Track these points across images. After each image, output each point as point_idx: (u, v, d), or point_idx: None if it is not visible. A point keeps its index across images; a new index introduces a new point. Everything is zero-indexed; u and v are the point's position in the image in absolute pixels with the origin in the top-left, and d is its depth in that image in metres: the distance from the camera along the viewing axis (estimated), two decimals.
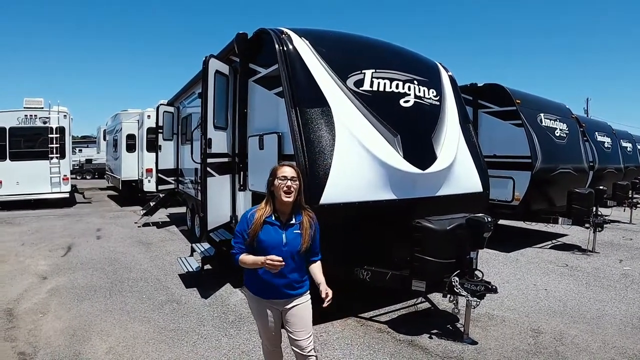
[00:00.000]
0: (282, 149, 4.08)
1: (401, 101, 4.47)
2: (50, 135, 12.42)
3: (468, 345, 3.72)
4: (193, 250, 5.96)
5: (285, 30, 4.26)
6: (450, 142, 4.73)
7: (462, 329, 3.90)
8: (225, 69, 5.03)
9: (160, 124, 9.38)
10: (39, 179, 12.42)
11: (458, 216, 3.93)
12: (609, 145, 11.84)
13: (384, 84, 4.38)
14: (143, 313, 4.46)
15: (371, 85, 4.30)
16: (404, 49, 5.13)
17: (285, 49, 4.10)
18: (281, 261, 2.26)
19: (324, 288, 2.42)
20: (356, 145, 3.98)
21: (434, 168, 4.38)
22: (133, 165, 13.99)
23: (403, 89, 4.51)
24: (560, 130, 8.40)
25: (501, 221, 8.33)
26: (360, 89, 4.23)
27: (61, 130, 12.68)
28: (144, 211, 10.28)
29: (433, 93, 4.84)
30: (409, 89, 4.56)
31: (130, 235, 8.81)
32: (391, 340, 3.83)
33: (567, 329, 4.11)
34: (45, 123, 12.50)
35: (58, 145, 12.46)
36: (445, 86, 5.15)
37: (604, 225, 7.50)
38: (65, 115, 12.87)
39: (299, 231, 2.44)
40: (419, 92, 4.65)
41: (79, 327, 4.08)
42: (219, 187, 4.98)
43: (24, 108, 12.57)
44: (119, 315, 4.40)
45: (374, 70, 4.35)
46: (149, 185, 12.63)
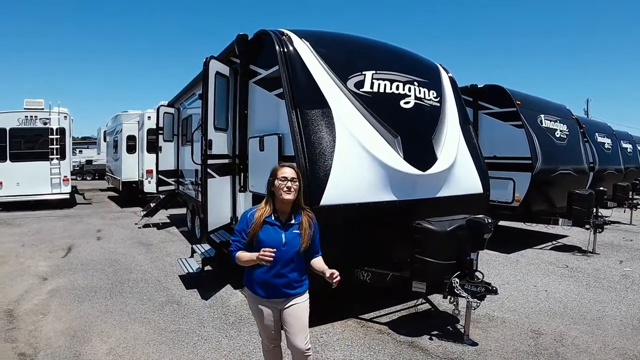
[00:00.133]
0: (283, 150, 4.08)
1: (401, 102, 4.47)
2: (50, 136, 12.43)
3: (468, 347, 3.71)
4: (193, 252, 5.96)
5: (285, 31, 4.27)
6: (451, 144, 4.73)
7: (463, 330, 3.90)
8: (225, 70, 5.04)
9: (160, 125, 9.40)
10: (39, 180, 12.42)
11: (458, 217, 3.93)
12: (609, 146, 11.85)
13: (385, 85, 4.39)
14: (143, 314, 4.46)
15: (371, 87, 4.30)
16: (404, 50, 5.14)
17: (285, 50, 4.11)
18: (272, 251, 2.27)
19: (329, 271, 2.41)
20: (356, 147, 3.98)
21: (435, 169, 4.38)
22: (133, 167, 14.01)
23: (403, 90, 4.51)
24: (560, 131, 8.41)
25: (501, 222, 8.33)
26: (361, 90, 4.23)
27: (61, 131, 12.70)
28: (145, 212, 10.28)
29: (433, 94, 4.84)
30: (409, 90, 4.56)
31: (131, 236, 8.81)
32: (391, 342, 3.83)
33: (568, 330, 4.11)
34: (45, 124, 12.52)
35: (58, 147, 12.48)
36: (445, 87, 5.16)
37: (604, 227, 7.50)
38: (65, 116, 12.89)
39: (298, 231, 2.47)
40: (420, 94, 4.66)
41: (79, 328, 4.08)
42: (219, 189, 4.99)
43: (25, 109, 12.59)
44: (119, 316, 4.40)
45: (374, 72, 4.35)
46: (149, 187, 12.63)
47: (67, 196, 13.11)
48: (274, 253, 2.28)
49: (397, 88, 4.47)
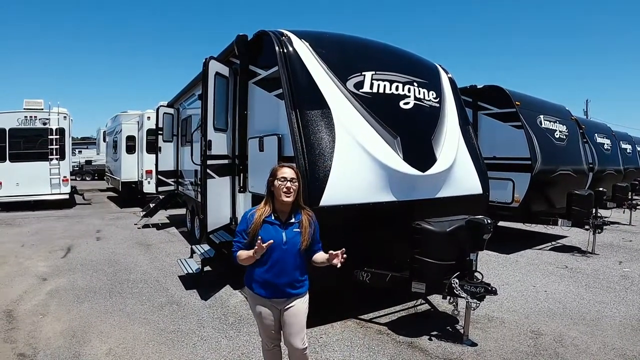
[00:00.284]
0: (282, 150, 4.08)
1: (401, 103, 4.48)
2: (50, 137, 12.43)
3: (468, 347, 3.72)
4: (193, 252, 5.96)
5: (285, 32, 4.27)
6: (450, 144, 4.73)
7: (462, 331, 3.90)
8: (225, 70, 5.04)
9: (160, 125, 9.40)
10: (38, 180, 12.42)
11: (458, 218, 3.93)
12: (609, 147, 11.87)
13: (384, 85, 4.39)
14: (143, 314, 4.46)
15: (371, 87, 4.31)
16: (403, 50, 5.14)
17: (285, 51, 4.11)
18: (269, 243, 2.30)
19: (329, 254, 2.43)
20: (356, 147, 3.99)
21: (434, 170, 4.39)
22: (133, 167, 14.01)
23: (403, 90, 4.52)
24: (559, 131, 8.42)
25: (501, 223, 8.34)
26: (360, 90, 4.24)
27: (61, 132, 12.70)
28: (144, 213, 10.27)
29: (433, 95, 4.85)
30: (408, 90, 4.57)
31: (130, 236, 8.81)
32: (391, 342, 3.83)
33: (567, 331, 4.11)
34: (45, 124, 12.52)
35: (58, 147, 12.47)
36: (445, 88, 5.16)
37: (604, 227, 7.49)
38: (65, 117, 12.89)
39: (298, 230, 2.48)
40: (419, 94, 4.66)
41: (79, 329, 4.08)
42: (218, 189, 4.99)
43: (24, 109, 12.59)
44: (119, 316, 4.40)
45: (373, 72, 4.36)
46: (149, 187, 12.63)
47: (67, 196, 13.11)
48: (271, 241, 2.31)
49: (397, 89, 4.48)
